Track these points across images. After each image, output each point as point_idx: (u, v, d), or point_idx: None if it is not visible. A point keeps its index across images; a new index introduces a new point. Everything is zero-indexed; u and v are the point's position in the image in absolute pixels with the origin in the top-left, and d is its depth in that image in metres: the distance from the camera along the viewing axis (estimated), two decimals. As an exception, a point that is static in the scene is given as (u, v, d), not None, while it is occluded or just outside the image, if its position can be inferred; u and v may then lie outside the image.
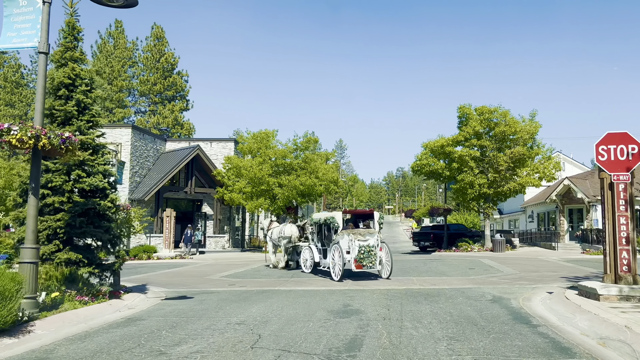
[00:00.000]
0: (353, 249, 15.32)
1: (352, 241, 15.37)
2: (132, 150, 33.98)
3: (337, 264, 15.34)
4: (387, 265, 15.98)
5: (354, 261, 15.30)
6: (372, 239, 15.60)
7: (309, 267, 18.25)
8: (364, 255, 15.27)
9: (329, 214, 16.40)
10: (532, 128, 31.30)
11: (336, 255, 15.45)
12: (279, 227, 20.58)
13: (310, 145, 35.22)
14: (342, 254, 15.15)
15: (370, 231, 15.90)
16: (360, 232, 15.70)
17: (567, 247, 31.91)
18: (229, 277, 17.96)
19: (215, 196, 34.72)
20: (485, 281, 15.24)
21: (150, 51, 69.82)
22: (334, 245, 15.73)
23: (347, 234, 15.56)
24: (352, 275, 16.52)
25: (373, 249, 15.41)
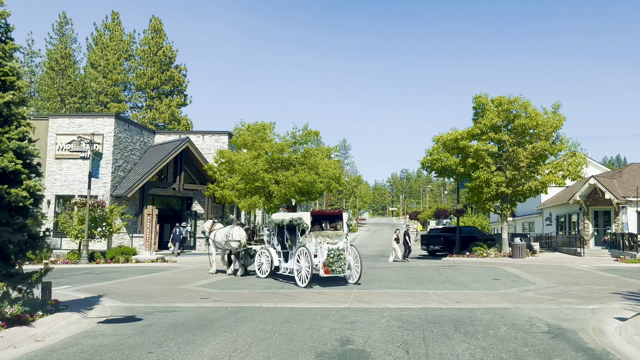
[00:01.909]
0: (322, 253, 14.33)
1: (320, 244, 14.37)
2: (116, 142, 31.01)
3: (304, 268, 14.25)
4: (356, 269, 15.08)
5: (322, 266, 14.21)
6: (341, 242, 14.74)
7: (264, 272, 16.86)
8: (334, 259, 14.25)
9: (295, 215, 15.20)
10: (555, 121, 28.16)
11: (303, 259, 14.36)
12: (225, 229, 18.74)
13: (310, 139, 32.18)
14: (310, 258, 14.02)
15: (339, 233, 14.95)
16: (328, 234, 14.73)
17: (594, 253, 28.77)
18: (207, 287, 14.96)
19: (206, 193, 31.71)
20: (522, 298, 12.17)
21: (147, 44, 67.06)
22: (300, 248, 14.56)
23: (315, 237, 14.51)
24: (320, 280, 15.21)
25: (342, 252, 14.50)
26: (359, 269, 15.11)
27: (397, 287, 14.51)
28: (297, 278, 14.63)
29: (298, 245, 14.95)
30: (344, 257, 14.53)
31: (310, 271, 14.06)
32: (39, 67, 68.94)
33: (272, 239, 16.91)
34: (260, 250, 17.33)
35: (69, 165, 30.65)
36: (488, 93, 29.39)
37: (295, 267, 14.84)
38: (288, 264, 15.72)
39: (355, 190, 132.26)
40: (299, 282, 14.46)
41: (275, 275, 16.99)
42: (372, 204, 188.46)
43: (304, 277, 14.29)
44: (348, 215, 15.68)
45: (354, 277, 15.08)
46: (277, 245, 16.56)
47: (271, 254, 16.53)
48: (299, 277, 14.54)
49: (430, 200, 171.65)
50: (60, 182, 30.72)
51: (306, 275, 14.19)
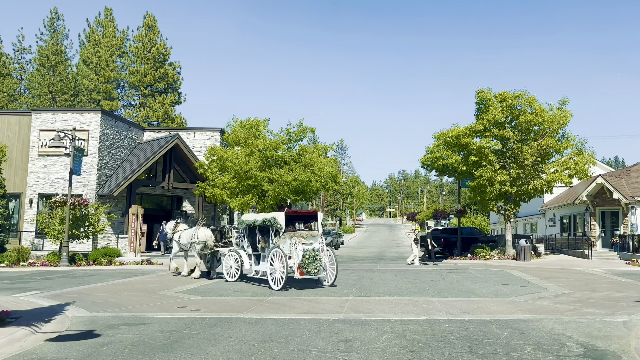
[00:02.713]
0: (297, 254, 13.89)
1: (294, 245, 13.94)
2: (102, 139, 29.62)
3: (279, 270, 13.65)
4: (331, 271, 14.66)
5: (297, 267, 13.73)
6: (317, 243, 14.33)
7: (233, 276, 16.05)
8: (309, 261, 13.78)
9: (268, 215, 14.63)
10: (561, 118, 26.87)
11: (277, 261, 13.77)
12: (190, 230, 17.72)
13: (305, 136, 30.85)
14: (285, 260, 13.46)
15: (314, 234, 14.45)
16: (303, 235, 14.24)
17: (602, 255, 27.49)
18: (188, 293, 13.61)
19: (196, 192, 30.34)
20: (538, 307, 10.84)
21: (141, 41, 65.66)
22: (274, 250, 13.99)
23: (289, 237, 14.04)
24: (295, 282, 14.71)
25: (318, 253, 14.08)
26: (335, 271, 14.67)
27: (398, 294, 13.19)
28: (271, 281, 13.96)
29: (271, 247, 14.33)
30: (320, 258, 14.08)
31: (285, 273, 13.47)
32: (29, 63, 67.51)
33: (242, 241, 16.12)
34: (229, 252, 16.42)
35: (53, 163, 29.27)
36: (491, 87, 28.05)
37: (268, 269, 14.19)
38: (260, 266, 15.09)
39: (352, 190, 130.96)
40: (273, 284, 13.82)
41: (246, 279, 16.32)
42: (370, 204, 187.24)
43: (278, 280, 13.67)
44: (323, 215, 15.21)
45: (330, 279, 14.63)
46: (247, 247, 15.77)
47: (241, 257, 15.77)
48: (273, 279, 13.90)
49: (427, 201, 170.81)
50: (44, 179, 29.33)
51: (280, 278, 13.59)
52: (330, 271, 14.70)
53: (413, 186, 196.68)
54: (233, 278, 16.00)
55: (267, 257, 14.33)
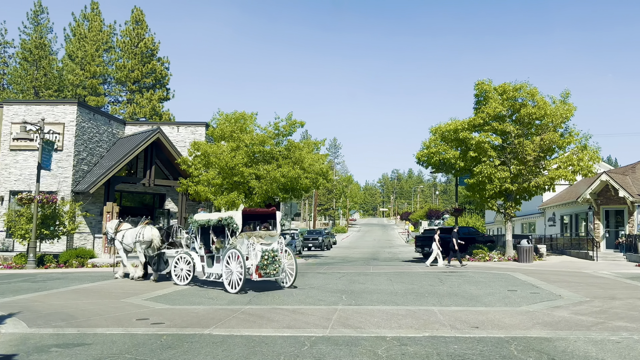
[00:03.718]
0: (255, 255, 13.26)
1: (252, 245, 13.30)
2: (78, 133, 27.82)
3: (236, 272, 13.01)
4: (291, 272, 14.11)
5: (255, 269, 13.13)
6: (275, 243, 13.79)
7: (184, 279, 15.14)
8: (268, 262, 13.21)
9: (224, 214, 13.90)
10: (564, 111, 25.41)
11: (233, 262, 13.12)
12: (135, 229, 16.74)
13: (294, 130, 29.21)
14: (242, 261, 12.83)
15: (272, 234, 13.90)
16: (261, 234, 13.65)
17: (608, 257, 26.04)
18: (155, 301, 11.99)
19: (178, 189, 28.60)
20: (557, 319, 9.29)
21: (128, 35, 63.80)
22: (231, 250, 13.27)
23: (247, 238, 13.41)
24: (252, 284, 14.04)
25: (277, 254, 13.52)
26: (294, 272, 14.08)
27: (393, 302, 11.62)
28: (227, 283, 13.27)
29: (228, 248, 13.60)
30: (279, 259, 13.51)
31: (243, 275, 12.81)
32: (12, 58, 65.46)
33: (193, 242, 15.24)
34: (179, 254, 15.43)
35: (26, 158, 27.46)
36: (492, 79, 26.54)
37: (224, 271, 13.44)
38: (214, 268, 14.29)
39: (345, 190, 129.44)
40: (229, 287, 13.16)
41: (198, 282, 15.41)
42: (363, 204, 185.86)
43: (235, 282, 13.03)
44: (281, 214, 14.60)
45: (289, 280, 14.08)
46: (200, 249, 14.86)
47: (193, 259, 14.88)
48: (229, 282, 13.21)
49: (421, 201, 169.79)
50: (16, 176, 27.51)
51: (238, 280, 12.93)
52: (289, 272, 14.12)
53: (406, 186, 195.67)
54: (184, 282, 15.08)
55: (223, 258, 13.57)
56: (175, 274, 15.35)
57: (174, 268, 15.39)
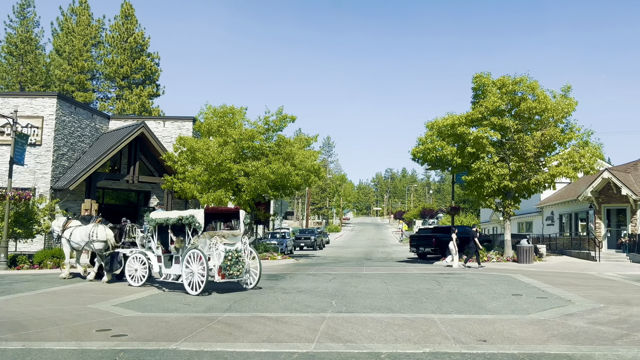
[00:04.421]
0: (218, 255, 12.65)
1: (215, 245, 12.72)
2: (58, 127, 26.53)
3: (197, 273, 12.40)
4: (254, 272, 13.54)
5: (218, 270, 12.52)
6: (239, 243, 13.22)
7: (139, 280, 14.47)
8: (231, 262, 12.61)
9: (184, 212, 13.21)
10: (565, 105, 24.39)
11: (195, 263, 12.49)
12: (85, 227, 15.93)
13: (285, 125, 28.06)
14: (204, 262, 12.20)
15: (235, 233, 13.30)
16: (224, 234, 13.05)
17: (610, 257, 25.07)
18: (125, 307, 10.82)
19: (163, 186, 27.38)
20: (576, 331, 8.20)
21: (117, 30, 62.40)
22: (192, 251, 12.65)
23: (209, 237, 12.82)
24: (214, 286, 13.22)
25: (240, 254, 12.97)
26: (258, 273, 13.52)
27: (388, 308, 10.51)
28: (187, 285, 12.63)
29: (189, 248, 12.94)
30: (243, 259, 12.96)
31: (206, 276, 12.15)
32: (-3, 52, 63.89)
33: (149, 241, 14.47)
34: (133, 254, 14.70)
35: (2, 153, 26.15)
36: (490, 72, 25.48)
37: (184, 272, 12.77)
38: (172, 269, 13.61)
39: (339, 189, 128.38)
40: (190, 289, 12.54)
41: (155, 282, 14.73)
42: (357, 203, 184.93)
43: (196, 284, 12.40)
44: (245, 213, 14.04)
45: (252, 281, 13.53)
46: (157, 249, 14.12)
47: (150, 259, 14.22)
48: (190, 283, 12.57)
49: (414, 200, 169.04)
50: (-8, 172, 26.21)
51: (199, 282, 12.31)
52: (253, 273, 13.53)
53: (400, 185, 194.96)
54: (138, 283, 14.44)
55: (183, 259, 12.87)
56: (129, 274, 14.65)
57: (128, 268, 14.70)
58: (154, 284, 14.67)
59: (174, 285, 13.95)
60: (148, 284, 14.53)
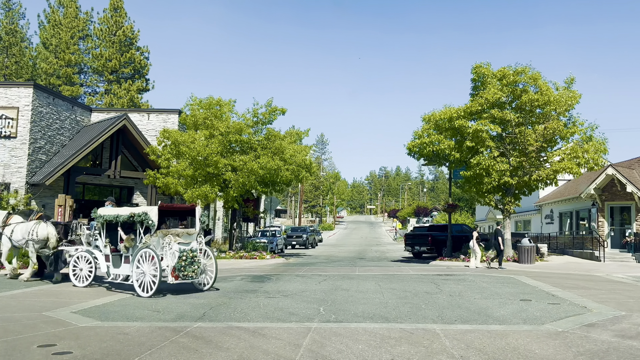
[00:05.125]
0: (172, 255, 11.94)
1: (169, 245, 11.98)
2: (35, 119, 25.10)
3: (149, 274, 11.68)
4: (211, 273, 12.82)
5: (172, 270, 11.81)
6: (194, 242, 12.49)
7: (83, 280, 13.60)
8: (186, 263, 11.93)
9: (136, 209, 12.52)
10: (569, 98, 23.22)
11: (147, 263, 11.77)
12: (27, 224, 14.79)
13: (275, 117, 26.75)
14: (157, 262, 11.50)
15: (191, 231, 12.55)
16: (178, 232, 12.32)
17: (615, 257, 23.96)
18: (84, 315, 9.52)
19: (145, 181, 26.03)
20: (604, 347, 6.98)
21: (106, 23, 60.86)
22: (144, 250, 11.92)
23: (163, 236, 12.09)
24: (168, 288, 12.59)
25: (196, 254, 12.26)
26: (214, 273, 12.79)
27: (383, 317, 9.27)
28: (138, 286, 11.89)
29: (140, 247, 12.16)
30: (198, 259, 12.23)
31: (158, 277, 11.45)
32: (-20, 44, 62.11)
33: (96, 239, 13.59)
34: (78, 253, 13.77)
35: (-26, 146, 24.72)
36: (490, 62, 24.26)
37: (134, 273, 12.01)
38: (121, 269, 12.78)
39: (333, 187, 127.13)
40: (141, 291, 11.78)
41: (103, 283, 13.83)
42: (351, 201, 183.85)
43: (147, 285, 11.66)
44: (201, 210, 13.28)
45: (208, 282, 12.80)
46: (104, 247, 13.25)
47: (97, 258, 13.41)
48: (141, 284, 11.84)
49: (408, 198, 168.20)
50: (-37, 166, 24.75)
51: (151, 283, 11.59)
52: (209, 273, 12.80)
53: (394, 183, 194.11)
54: (83, 283, 13.57)
55: (134, 258, 12.06)
56: (74, 274, 13.75)
57: (73, 268, 13.76)
58: (103, 284, 13.77)
59: (122, 286, 13.15)
60: (95, 284, 13.75)
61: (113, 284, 13.54)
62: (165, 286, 12.42)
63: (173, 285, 12.41)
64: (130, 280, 12.35)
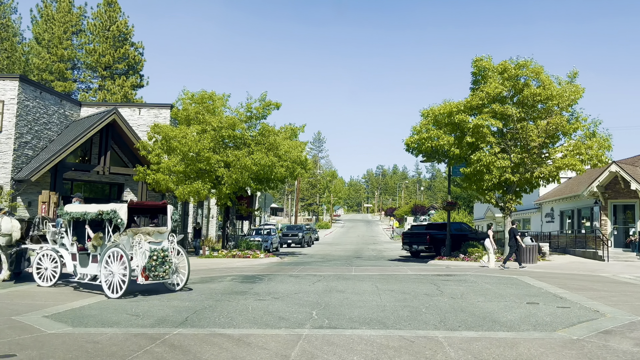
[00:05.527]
0: (142, 255, 11.43)
1: (139, 244, 11.53)
2: (21, 112, 24.27)
3: (118, 274, 11.27)
4: (183, 272, 12.35)
5: (142, 271, 11.31)
6: (165, 241, 12.08)
7: (48, 279, 13.13)
8: (157, 262, 11.44)
9: (105, 207, 11.93)
10: (572, 93, 22.51)
11: (116, 262, 11.36)
12: None
13: (269, 112, 26.02)
14: (127, 261, 11.08)
15: (162, 230, 12.13)
16: (148, 231, 11.90)
17: (619, 257, 23.29)
18: (56, 319, 8.78)
19: (135, 178, 25.22)
20: (628, 357, 6.25)
21: (99, 18, 59.97)
22: (113, 249, 11.48)
23: (133, 235, 11.68)
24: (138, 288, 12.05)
25: (167, 253, 11.82)
26: (187, 273, 12.31)
27: (381, 323, 8.53)
28: (106, 287, 11.41)
29: (109, 245, 11.74)
30: (169, 259, 11.77)
31: (128, 277, 11.04)
32: (-29, 39, 61.11)
33: (63, 237, 13.08)
34: (43, 251, 13.22)
35: (-42, 140, 23.87)
36: (491, 55, 23.53)
37: (102, 272, 11.52)
38: (88, 268, 12.33)
39: (329, 185, 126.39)
40: (109, 292, 11.31)
41: (70, 282, 13.35)
42: (347, 200, 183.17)
43: (116, 285, 11.22)
44: (173, 209, 12.55)
45: (180, 282, 12.29)
46: (71, 245, 12.75)
47: (63, 257, 12.91)
48: (110, 285, 11.38)
49: (405, 197, 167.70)
50: (-53, 161, 23.91)
51: (120, 283, 11.15)
52: (181, 273, 12.33)
53: (391, 182, 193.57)
54: (48, 283, 13.08)
55: (102, 257, 11.58)
56: (37, 273, 13.26)
57: (38, 267, 13.28)
58: (70, 284, 13.22)
59: (90, 285, 12.66)
60: (62, 284, 13.26)
61: (80, 283, 13.00)
62: (137, 287, 11.91)
63: (143, 286, 11.85)
64: (98, 280, 11.86)
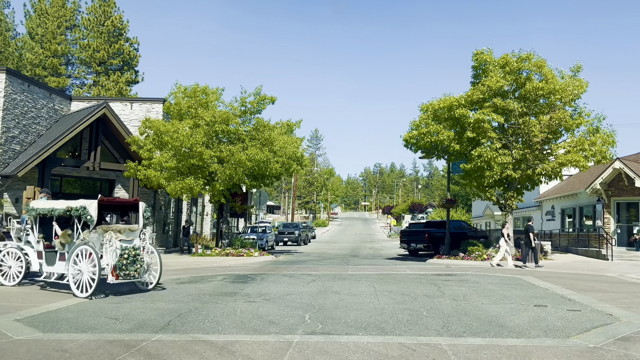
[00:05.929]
0: (113, 253, 11.09)
1: (109, 242, 11.18)
2: (7, 106, 23.52)
3: (87, 273, 10.82)
4: (155, 271, 11.94)
5: (112, 269, 10.96)
6: (137, 239, 11.73)
7: (12, 278, 12.69)
8: (128, 261, 11.11)
9: (74, 203, 11.44)
10: (575, 87, 21.88)
11: (85, 261, 10.92)
12: None
13: (264, 107, 25.33)
14: (96, 260, 10.63)
15: (133, 228, 11.76)
16: (119, 229, 11.50)
17: (623, 256, 22.69)
18: (26, 323, 8.09)
19: (126, 174, 24.52)
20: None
21: (94, 13, 59.13)
22: (82, 247, 11.02)
23: (103, 232, 11.31)
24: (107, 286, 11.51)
25: (139, 252, 11.43)
26: (158, 272, 11.91)
27: (379, 327, 7.86)
28: (74, 286, 10.98)
29: (78, 243, 11.26)
30: (141, 258, 11.40)
31: (98, 276, 10.58)
32: (-37, 33, 60.19)
33: (28, 234, 12.67)
34: (6, 249, 12.76)
35: (-57, 135, 23.12)
36: (492, 49, 22.87)
37: (70, 271, 11.12)
38: (55, 267, 11.89)
39: (327, 183, 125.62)
40: (78, 291, 10.88)
41: (37, 281, 12.83)
42: (345, 198, 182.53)
43: (85, 284, 10.79)
44: (145, 206, 12.17)
45: (152, 281, 11.94)
46: (37, 243, 12.30)
47: (28, 255, 12.45)
48: (78, 284, 10.96)
49: (403, 195, 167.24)
50: None
51: (90, 282, 10.72)
52: (153, 272, 11.93)
53: (389, 180, 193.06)
54: (12, 282, 12.63)
55: (70, 255, 11.16)
56: (0, 272, 12.84)
57: (0, 265, 12.85)
58: (37, 283, 12.69)
59: (57, 285, 12.16)
60: (27, 283, 12.81)
61: (47, 282, 12.44)
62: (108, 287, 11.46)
63: (114, 285, 11.30)
64: (65, 279, 11.41)
